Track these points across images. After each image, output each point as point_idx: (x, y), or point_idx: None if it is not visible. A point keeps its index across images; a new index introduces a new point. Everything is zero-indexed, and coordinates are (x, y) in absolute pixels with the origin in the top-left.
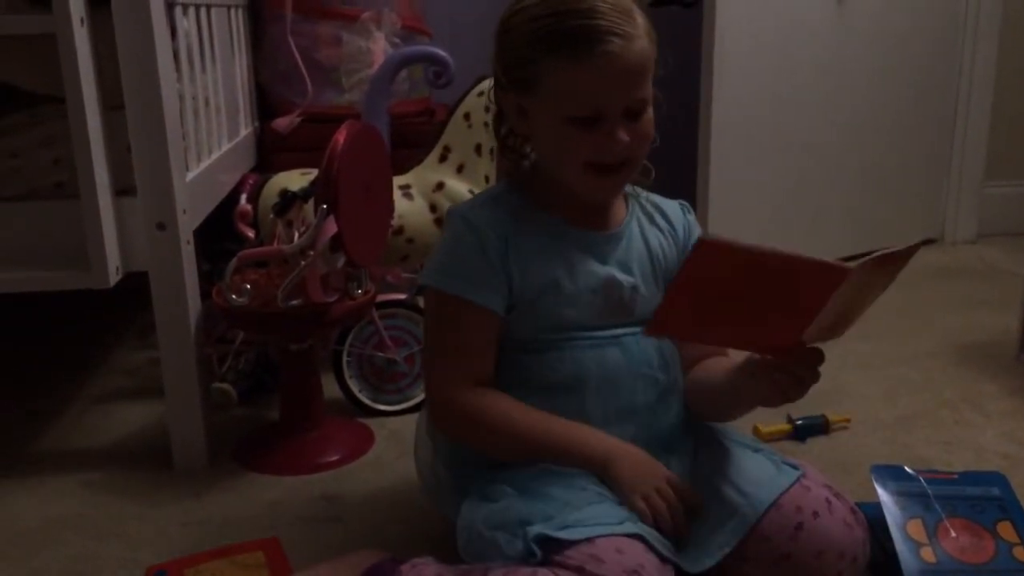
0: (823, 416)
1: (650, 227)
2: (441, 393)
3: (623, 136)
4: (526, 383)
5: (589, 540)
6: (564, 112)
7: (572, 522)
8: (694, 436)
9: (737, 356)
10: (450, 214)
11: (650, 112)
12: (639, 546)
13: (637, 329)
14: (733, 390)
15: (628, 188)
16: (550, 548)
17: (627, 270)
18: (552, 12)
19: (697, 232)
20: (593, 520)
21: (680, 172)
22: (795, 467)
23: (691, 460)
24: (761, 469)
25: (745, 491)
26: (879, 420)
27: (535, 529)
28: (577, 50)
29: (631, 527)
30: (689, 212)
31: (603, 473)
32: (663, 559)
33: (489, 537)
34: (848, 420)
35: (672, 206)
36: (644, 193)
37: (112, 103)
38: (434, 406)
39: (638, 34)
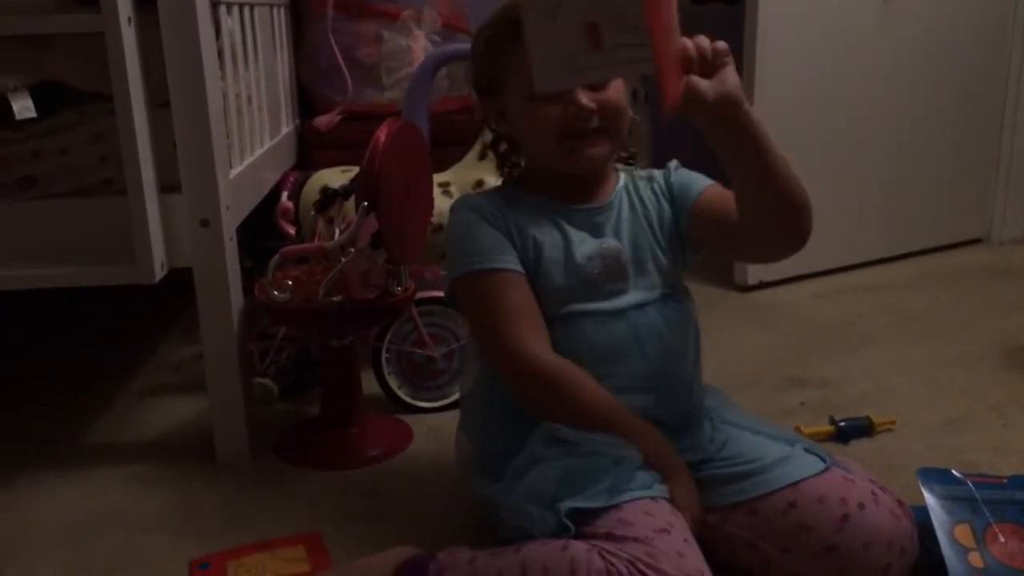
0: (867, 418)
1: (645, 187)
2: (521, 350)
3: (585, 100)
4: None
5: (617, 507)
6: (527, 93)
7: (600, 491)
8: (726, 431)
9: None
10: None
11: (616, 83)
12: (666, 506)
13: (640, 298)
14: (726, 155)
15: (620, 168)
16: (582, 520)
17: (619, 237)
18: (501, 16)
19: (686, 176)
20: (620, 486)
21: (721, 169)
22: (823, 459)
23: (714, 448)
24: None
25: (764, 466)
26: (924, 423)
27: (566, 504)
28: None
29: (659, 490)
30: (678, 168)
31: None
32: None
33: (525, 513)
34: (893, 422)
35: (661, 171)
36: (636, 169)
37: (158, 101)
38: (513, 364)
39: None
